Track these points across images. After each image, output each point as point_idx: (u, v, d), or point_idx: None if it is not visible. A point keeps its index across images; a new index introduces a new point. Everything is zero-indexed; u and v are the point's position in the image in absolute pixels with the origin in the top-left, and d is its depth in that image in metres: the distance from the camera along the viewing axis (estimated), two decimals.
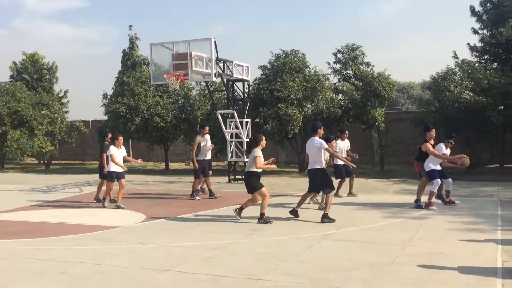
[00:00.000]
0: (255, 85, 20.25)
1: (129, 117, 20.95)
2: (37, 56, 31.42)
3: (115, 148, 11.58)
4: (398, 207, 11.03)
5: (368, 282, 5.70)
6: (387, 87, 19.35)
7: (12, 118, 23.45)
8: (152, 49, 15.48)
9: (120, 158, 11.62)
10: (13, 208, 11.83)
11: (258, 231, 8.63)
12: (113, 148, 11.58)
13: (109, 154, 11.58)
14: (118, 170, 11.58)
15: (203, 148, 12.84)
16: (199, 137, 12.94)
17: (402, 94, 61.58)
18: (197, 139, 12.90)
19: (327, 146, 9.67)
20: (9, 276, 6.16)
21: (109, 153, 11.56)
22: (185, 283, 5.79)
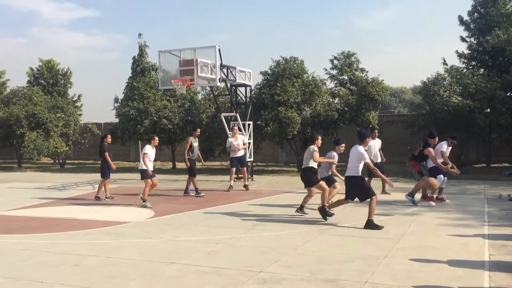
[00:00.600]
0: (257, 89, 20.26)
1: (139, 120, 20.97)
2: (52, 62, 31.45)
3: (150, 148, 11.35)
4: (391, 204, 11.02)
5: (361, 274, 5.70)
6: (380, 92, 19.36)
7: (29, 120, 23.47)
8: (160, 56, 15.52)
9: (153, 158, 11.59)
10: (31, 204, 11.86)
11: (259, 226, 8.63)
12: (149, 147, 11.35)
13: (143, 153, 11.30)
14: (152, 168, 11.43)
15: (195, 148, 12.90)
16: (192, 138, 13.00)
17: (394, 98, 61.53)
18: (190, 139, 12.95)
19: (368, 160, 8.78)
20: (28, 267, 6.17)
21: (144, 152, 11.28)
22: (191, 275, 5.79)
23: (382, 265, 6.07)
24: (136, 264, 6.25)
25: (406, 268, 5.92)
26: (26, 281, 5.62)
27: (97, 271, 5.98)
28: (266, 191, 14.01)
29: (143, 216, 9.89)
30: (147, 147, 11.35)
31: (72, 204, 11.83)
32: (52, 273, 5.92)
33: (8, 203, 12.07)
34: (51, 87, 30.66)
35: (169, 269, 6.02)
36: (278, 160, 25.64)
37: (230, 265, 6.15)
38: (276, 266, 6.07)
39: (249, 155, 16.97)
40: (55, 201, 12.41)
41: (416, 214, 9.65)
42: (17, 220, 9.74)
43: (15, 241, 7.68)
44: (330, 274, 5.71)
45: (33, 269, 6.09)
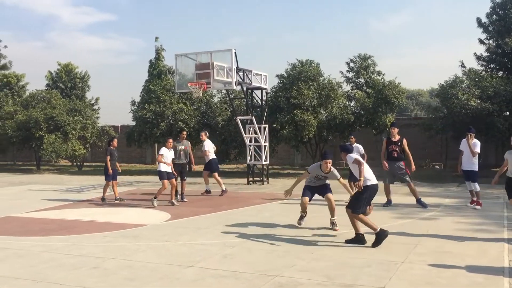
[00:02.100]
0: (273, 92, 20.30)
1: (155, 123, 21.15)
2: (70, 66, 31.93)
3: (165, 149, 11.73)
4: (408, 208, 10.94)
5: (379, 279, 5.67)
6: (397, 95, 19.25)
7: (48, 123, 23.82)
8: (176, 59, 15.63)
9: (169, 159, 11.76)
10: (50, 206, 12.03)
11: (275, 230, 8.63)
12: (164, 149, 11.76)
13: (158, 154, 11.79)
14: (168, 170, 11.70)
15: (179, 152, 12.56)
16: (175, 142, 12.73)
17: (411, 101, 61.04)
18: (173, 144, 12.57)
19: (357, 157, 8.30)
20: (48, 269, 6.26)
21: (159, 153, 11.74)
22: (209, 278, 5.82)
23: (400, 270, 6.03)
24: (154, 267, 6.30)
25: (424, 273, 5.87)
26: (46, 283, 5.71)
27: (116, 274, 6.05)
28: (282, 194, 13.96)
29: (159, 219, 9.96)
30: (162, 149, 11.80)
31: (89, 207, 11.97)
32: (71, 275, 6.00)
33: (28, 205, 12.26)
34: (69, 90, 31.12)
35: (187, 273, 6.06)
36: (293, 163, 25.62)
37: (246, 269, 6.16)
38: (293, 271, 6.07)
39: (265, 158, 16.99)
40: (73, 203, 12.57)
41: (434, 219, 9.55)
42: (36, 222, 9.89)
43: (35, 243, 7.79)
44: (347, 279, 5.68)
45: (53, 271, 6.18)
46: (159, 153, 11.78)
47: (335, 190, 9.06)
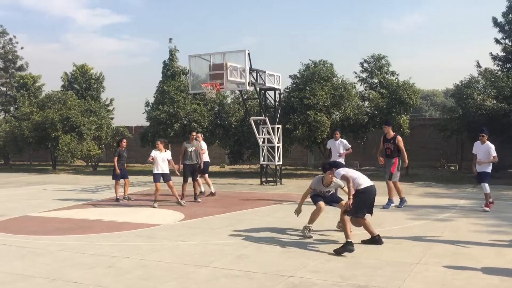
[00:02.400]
0: (286, 93, 20.30)
1: (169, 123, 21.27)
2: (86, 67, 32.21)
3: (155, 152, 11.80)
4: (423, 209, 10.85)
5: (393, 280, 5.64)
6: (411, 95, 19.09)
7: (64, 124, 24.09)
8: (190, 60, 15.70)
9: (161, 160, 11.75)
10: (65, 206, 12.17)
11: (287, 230, 8.63)
12: (154, 152, 11.85)
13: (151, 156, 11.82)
14: (162, 172, 11.75)
15: (190, 154, 12.44)
16: (185, 143, 12.63)
17: (425, 101, 60.50)
18: (184, 145, 12.60)
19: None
20: (64, 268, 6.34)
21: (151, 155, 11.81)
22: (223, 278, 5.84)
23: (415, 271, 5.99)
24: (168, 267, 6.35)
25: (440, 275, 5.83)
26: (62, 282, 5.78)
27: (131, 273, 6.10)
28: (295, 195, 13.97)
29: (173, 219, 10.02)
30: (152, 152, 11.89)
31: (104, 206, 12.09)
32: (87, 274, 6.07)
33: (44, 204, 12.42)
34: (85, 91, 31.40)
35: (201, 272, 6.09)
36: (307, 163, 25.59)
37: (260, 269, 6.17)
38: (306, 271, 6.07)
39: (278, 159, 17.00)
40: (88, 203, 12.70)
41: (450, 220, 9.47)
42: (52, 221, 10.01)
43: (51, 242, 7.90)
44: (361, 280, 5.67)
45: (69, 270, 6.26)
46: (151, 154, 11.87)
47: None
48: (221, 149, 24.37)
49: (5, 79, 34.40)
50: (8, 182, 19.36)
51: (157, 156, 11.76)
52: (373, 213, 7.64)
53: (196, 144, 12.71)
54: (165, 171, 11.85)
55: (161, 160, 11.76)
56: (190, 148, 12.49)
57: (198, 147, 12.74)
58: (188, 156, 12.45)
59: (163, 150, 11.86)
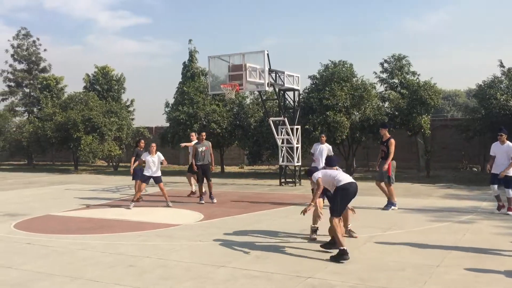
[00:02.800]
0: (305, 94, 20.25)
1: (189, 124, 21.41)
2: (107, 68, 32.64)
3: (147, 155, 12.04)
4: (444, 211, 10.71)
5: (414, 283, 5.58)
6: (433, 95, 18.86)
7: (85, 124, 24.45)
8: (210, 61, 15.79)
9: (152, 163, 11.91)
10: (87, 206, 12.34)
11: (307, 231, 8.59)
12: (145, 154, 12.13)
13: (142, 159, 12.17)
14: (151, 174, 11.90)
15: (201, 154, 12.39)
16: (195, 143, 12.74)
17: (447, 102, 59.68)
18: (194, 146, 12.65)
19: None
20: (85, 267, 6.44)
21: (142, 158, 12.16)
22: (241, 279, 5.86)
23: (435, 274, 5.92)
24: (187, 267, 6.39)
25: (461, 278, 5.75)
26: (84, 281, 5.87)
27: (151, 273, 6.16)
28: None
29: (193, 219, 10.09)
30: (144, 154, 12.21)
31: (125, 206, 12.22)
32: (108, 274, 6.15)
33: (66, 204, 12.62)
34: (106, 92, 31.82)
35: (220, 272, 6.12)
36: None
37: (278, 270, 6.17)
38: (325, 272, 6.04)
39: (297, 159, 16.97)
40: (109, 203, 12.86)
41: (471, 222, 9.32)
42: (74, 221, 10.17)
43: (73, 241, 8.02)
44: (381, 282, 5.62)
45: (90, 269, 6.35)
46: (142, 158, 12.19)
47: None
48: (240, 149, 24.45)
49: (28, 80, 35.06)
50: (32, 182, 19.73)
51: (148, 160, 11.91)
52: (393, 216, 7.59)
53: (207, 144, 12.60)
54: (156, 174, 11.95)
55: (152, 163, 11.90)
56: (201, 148, 12.43)
57: (209, 147, 12.63)
58: (199, 157, 12.38)
59: (154, 154, 12.01)
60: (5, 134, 29.11)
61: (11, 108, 34.40)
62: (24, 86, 35.34)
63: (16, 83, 35.08)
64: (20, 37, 35.10)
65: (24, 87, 35.38)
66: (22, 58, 35.03)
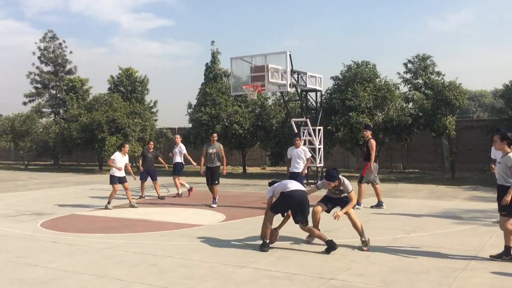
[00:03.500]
0: (327, 94, 20.14)
1: (211, 125, 21.53)
2: (131, 70, 33.04)
3: (118, 154, 12.15)
4: (469, 213, 10.51)
5: (438, 286, 5.49)
6: (458, 96, 18.56)
7: (110, 125, 24.79)
8: (232, 62, 15.84)
9: (122, 164, 12.13)
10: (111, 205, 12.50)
11: (328, 232, 8.54)
12: (117, 154, 12.21)
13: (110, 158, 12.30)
14: (120, 175, 12.08)
15: (211, 156, 12.11)
16: (205, 145, 12.45)
17: (473, 102, 58.63)
18: (204, 148, 12.41)
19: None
20: (109, 266, 6.53)
21: (111, 158, 12.25)
22: (263, 279, 5.86)
23: (460, 277, 5.82)
24: (209, 267, 6.42)
25: (487, 282, 5.63)
26: (108, 279, 5.95)
27: (173, 272, 6.21)
28: None
29: (215, 220, 10.14)
30: (115, 154, 12.23)
31: (148, 206, 12.35)
32: (131, 272, 6.22)
33: (91, 204, 12.83)
34: (130, 93, 32.22)
35: (241, 273, 6.13)
36: (349, 165, 25.29)
37: (300, 271, 6.15)
38: (348, 274, 6.00)
39: (319, 161, 16.88)
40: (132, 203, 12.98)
41: (497, 225, 9.09)
42: (99, 220, 10.33)
43: (98, 240, 8.14)
44: (404, 285, 5.55)
45: (114, 268, 6.44)
46: (110, 157, 12.26)
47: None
48: (262, 150, 24.46)
49: (55, 82, 35.75)
50: (58, 181, 20.10)
51: (119, 160, 12.02)
52: (416, 217, 7.49)
53: (217, 146, 12.24)
54: (123, 175, 12.15)
55: (122, 164, 12.07)
56: (211, 150, 12.14)
57: (220, 149, 12.26)
58: (209, 159, 12.13)
59: (125, 155, 12.19)
60: (32, 135, 29.74)
61: (38, 110, 35.12)
62: (50, 87, 36.03)
63: (42, 85, 35.79)
64: (46, 39, 35.82)
65: (50, 89, 36.07)
66: (49, 60, 35.74)
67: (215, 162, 12.17)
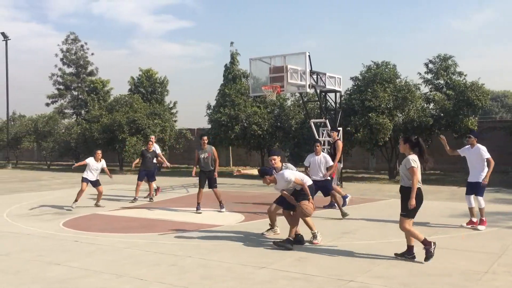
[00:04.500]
0: (347, 95, 20.03)
1: (230, 126, 21.59)
2: (151, 71, 33.37)
3: (92, 159, 12.46)
4: (492, 215, 10.33)
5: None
6: (480, 96, 18.26)
7: (130, 126, 25.06)
8: (251, 63, 15.86)
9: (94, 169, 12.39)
10: (131, 205, 12.66)
11: (348, 234, 8.50)
12: (90, 159, 12.50)
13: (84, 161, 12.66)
14: (92, 179, 12.31)
15: (203, 161, 11.41)
16: (197, 150, 11.62)
17: (496, 103, 57.62)
18: (196, 152, 11.65)
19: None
20: (129, 265, 6.60)
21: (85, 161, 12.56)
22: (281, 280, 5.85)
23: (483, 281, 5.72)
24: (228, 267, 6.44)
25: (509, 285, 5.53)
26: (128, 278, 6.02)
27: (192, 272, 6.25)
28: (356, 198, 13.76)
29: (234, 220, 10.16)
30: (88, 159, 12.54)
31: (167, 207, 12.44)
32: (151, 272, 6.28)
33: (111, 204, 12.98)
34: (150, 94, 32.53)
35: (260, 273, 6.13)
36: (368, 167, 25.10)
37: (319, 272, 6.13)
38: (367, 276, 5.95)
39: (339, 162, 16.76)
40: (152, 203, 13.12)
41: None
42: (119, 220, 10.45)
43: (118, 240, 8.24)
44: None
45: (134, 267, 6.50)
46: (85, 160, 12.63)
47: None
48: (281, 151, 24.41)
49: (77, 83, 36.30)
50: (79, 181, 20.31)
51: (91, 163, 12.36)
52: (438, 219, 7.40)
53: (209, 149, 11.52)
54: (95, 179, 12.41)
55: (94, 169, 12.37)
56: (203, 155, 11.45)
57: (212, 152, 11.53)
58: (203, 163, 11.46)
59: (99, 161, 12.48)
60: (55, 136, 30.25)
61: (60, 111, 35.74)
62: (72, 89, 36.61)
63: (65, 86, 36.39)
64: (69, 41, 36.42)
65: (72, 90, 36.65)
66: (71, 62, 36.33)
67: (209, 165, 11.45)
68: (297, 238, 7.77)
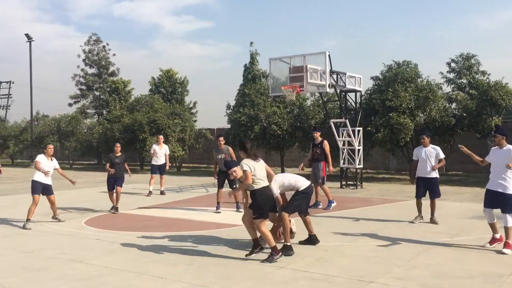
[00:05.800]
0: (367, 95, 19.84)
1: (249, 126, 21.59)
2: (171, 72, 33.58)
3: (43, 157, 9.91)
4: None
5: None
6: (504, 96, 17.90)
7: (151, 126, 25.26)
8: (271, 63, 15.83)
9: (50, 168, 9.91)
10: (151, 205, 12.78)
11: (368, 235, 8.42)
12: (41, 156, 9.93)
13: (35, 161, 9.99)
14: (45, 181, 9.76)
15: (220, 161, 11.26)
16: (214, 150, 11.74)
17: None
18: (213, 153, 11.82)
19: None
20: (149, 263, 6.66)
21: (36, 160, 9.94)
22: (301, 280, 5.83)
23: (506, 283, 5.61)
24: (247, 267, 6.45)
25: None
26: (148, 276, 6.07)
27: (211, 271, 6.27)
28: (376, 199, 13.64)
29: None
30: (39, 156, 9.94)
31: (187, 206, 12.51)
32: (171, 270, 6.32)
33: (132, 203, 13.12)
34: (170, 95, 32.74)
35: (280, 273, 6.12)
36: (389, 167, 24.83)
37: (339, 273, 6.09)
38: (388, 278, 5.89)
39: (359, 162, 16.66)
40: (172, 203, 13.22)
41: None
42: (140, 219, 10.55)
43: (139, 239, 8.32)
44: None
45: (154, 266, 6.56)
46: (35, 159, 9.93)
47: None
48: (301, 151, 24.30)
49: (98, 84, 36.78)
50: (101, 181, 20.64)
51: (45, 164, 9.82)
52: (460, 221, 7.28)
53: (226, 151, 11.43)
54: (49, 183, 9.86)
55: (50, 168, 9.90)
56: (220, 155, 11.42)
57: (229, 153, 11.41)
58: (219, 164, 11.40)
59: (51, 158, 10.01)
60: (77, 135, 30.68)
61: (82, 111, 36.25)
62: (94, 89, 37.10)
63: (87, 87, 36.90)
64: (91, 42, 36.92)
65: (94, 90, 37.14)
66: (93, 62, 36.83)
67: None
68: (310, 239, 7.73)
